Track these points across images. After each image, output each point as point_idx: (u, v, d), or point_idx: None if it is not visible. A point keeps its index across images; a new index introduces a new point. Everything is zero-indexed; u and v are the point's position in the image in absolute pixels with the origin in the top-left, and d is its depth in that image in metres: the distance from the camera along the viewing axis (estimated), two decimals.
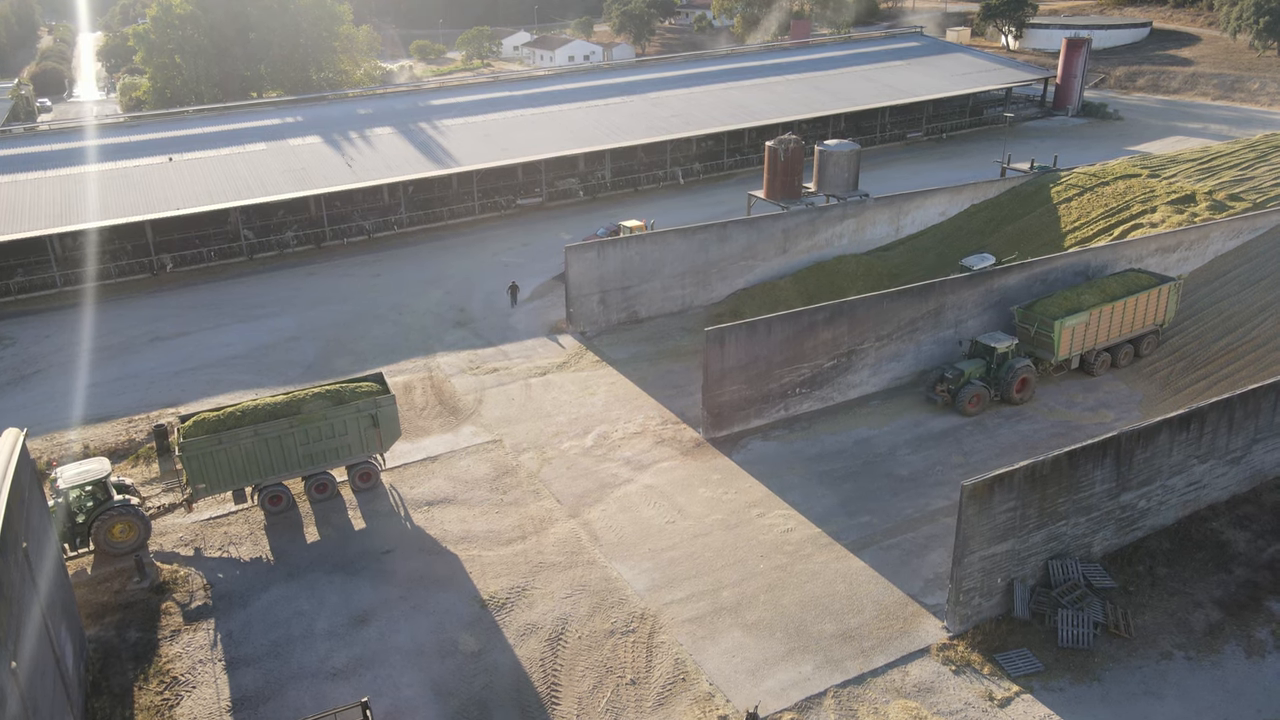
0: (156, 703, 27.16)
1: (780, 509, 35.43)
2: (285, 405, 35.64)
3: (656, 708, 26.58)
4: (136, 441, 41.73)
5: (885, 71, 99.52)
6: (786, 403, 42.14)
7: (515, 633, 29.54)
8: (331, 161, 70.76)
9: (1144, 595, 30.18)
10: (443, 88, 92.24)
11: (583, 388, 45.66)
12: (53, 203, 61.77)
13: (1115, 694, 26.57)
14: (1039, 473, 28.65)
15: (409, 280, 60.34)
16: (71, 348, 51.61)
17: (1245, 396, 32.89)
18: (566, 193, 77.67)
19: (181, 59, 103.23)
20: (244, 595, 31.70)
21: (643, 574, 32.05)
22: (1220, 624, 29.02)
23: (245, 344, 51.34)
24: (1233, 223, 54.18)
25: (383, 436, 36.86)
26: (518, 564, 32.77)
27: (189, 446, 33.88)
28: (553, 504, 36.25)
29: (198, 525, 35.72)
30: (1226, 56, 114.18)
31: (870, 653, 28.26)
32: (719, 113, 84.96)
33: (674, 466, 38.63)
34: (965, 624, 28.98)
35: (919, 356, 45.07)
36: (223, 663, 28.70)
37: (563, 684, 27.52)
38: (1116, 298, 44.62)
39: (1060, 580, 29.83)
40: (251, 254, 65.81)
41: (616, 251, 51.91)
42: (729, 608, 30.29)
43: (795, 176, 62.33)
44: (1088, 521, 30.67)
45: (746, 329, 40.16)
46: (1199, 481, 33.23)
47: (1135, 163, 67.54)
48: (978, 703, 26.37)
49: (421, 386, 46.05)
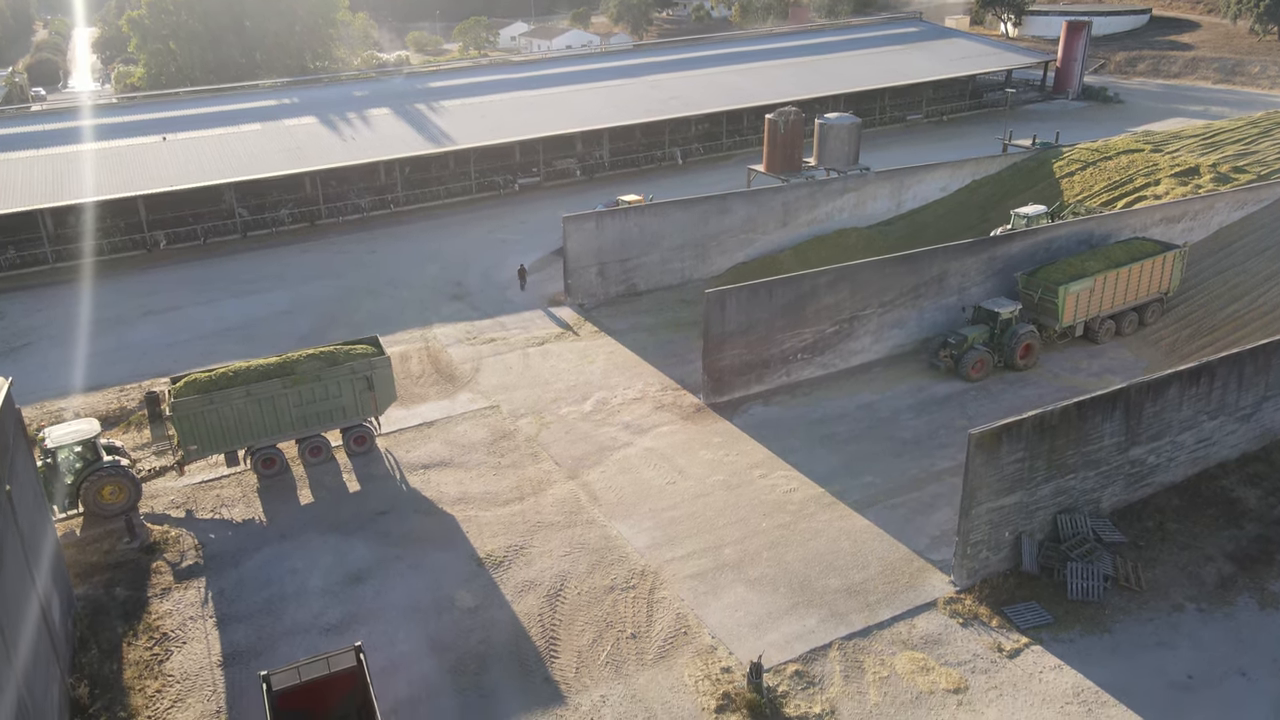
0: (146, 657, 26.51)
1: (782, 470, 34.83)
2: (278, 366, 34.99)
3: (658, 660, 25.97)
4: (128, 409, 41.09)
5: (884, 55, 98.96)
6: (788, 368, 41.53)
7: (513, 589, 28.92)
8: (327, 140, 70.11)
9: (1154, 550, 29.60)
10: (440, 70, 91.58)
11: (581, 356, 45.04)
12: (45, 180, 61.07)
13: (1126, 645, 25.98)
14: (1047, 423, 28.06)
15: (405, 256, 59.70)
16: (63, 321, 50.95)
17: (1255, 352, 32.33)
18: (564, 173, 77.06)
19: (176, 45, 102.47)
20: (236, 555, 31.06)
21: (643, 532, 31.44)
22: (1233, 577, 28.43)
23: (239, 317, 50.69)
24: (1237, 194, 53.65)
25: (378, 399, 36.23)
26: (515, 523, 32.14)
27: (180, 406, 33.24)
28: (551, 466, 35.63)
29: (189, 488, 35.07)
30: (1226, 41, 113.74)
31: (875, 606, 27.66)
32: (717, 94, 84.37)
33: (674, 430, 38.02)
34: (972, 578, 28.38)
35: (922, 324, 44.46)
36: (214, 619, 28.05)
37: (561, 638, 26.89)
38: (1121, 264, 44.05)
39: (1069, 534, 29.23)
40: (245, 232, 65.16)
41: (615, 223, 51.28)
42: (731, 564, 29.68)
43: (795, 150, 61.74)
44: (1096, 476, 30.08)
45: (748, 292, 39.55)
46: (1209, 438, 32.65)
47: (1138, 138, 67.02)
48: (986, 654, 25.77)
49: (418, 356, 45.42)
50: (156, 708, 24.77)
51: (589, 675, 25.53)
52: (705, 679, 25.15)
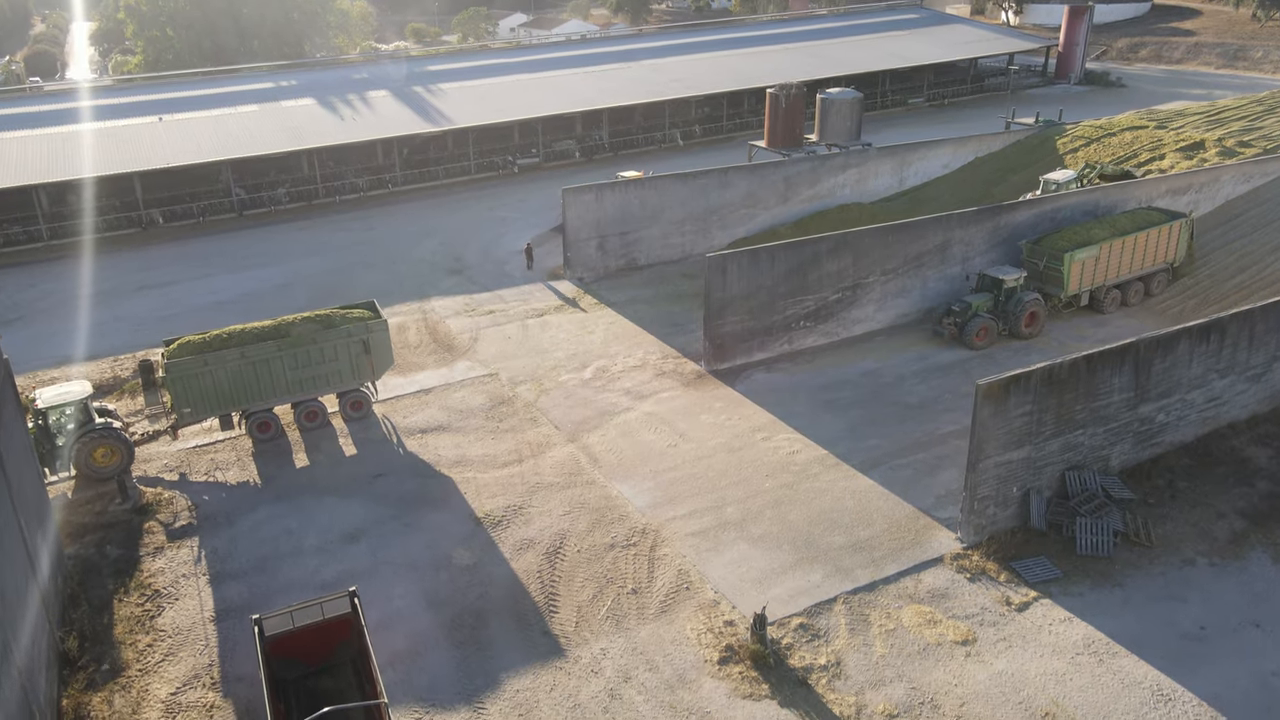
0: (137, 613, 25.99)
1: (785, 433, 34.31)
2: (273, 329, 34.46)
3: (659, 615, 25.45)
4: (121, 379, 40.60)
5: (886, 40, 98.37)
6: (790, 336, 41.00)
7: (511, 547, 28.40)
8: (325, 121, 69.54)
9: (1164, 507, 29.08)
10: (440, 54, 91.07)
11: (580, 327, 44.52)
12: (39, 158, 60.51)
13: (1137, 598, 25.45)
14: (1056, 376, 27.55)
15: (403, 233, 59.17)
16: (57, 295, 50.44)
17: (1267, 309, 31.80)
18: (563, 154, 76.52)
19: (173, 31, 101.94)
20: (230, 515, 30.54)
21: (644, 492, 30.92)
22: (1245, 533, 27.92)
23: (235, 291, 50.14)
24: (1243, 166, 53.14)
25: (374, 364, 35.71)
26: (514, 484, 31.62)
27: (174, 368, 32.73)
28: (551, 430, 35.11)
29: (183, 452, 34.56)
30: (1229, 27, 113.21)
31: (881, 562, 27.14)
32: (718, 77, 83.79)
33: (675, 396, 37.49)
34: (979, 535, 27.86)
35: (925, 294, 43.92)
36: (207, 577, 27.54)
37: (561, 594, 26.37)
38: (1127, 233, 43.52)
39: (1077, 491, 28.71)
40: (242, 211, 64.61)
41: (615, 196, 50.74)
42: (733, 522, 29.17)
43: (796, 124, 61.22)
44: (1105, 433, 29.56)
45: (749, 256, 39.03)
46: (1219, 398, 32.12)
47: (1142, 115, 66.49)
48: (994, 607, 25.25)
49: (415, 327, 44.90)
50: (147, 661, 24.25)
51: (589, 629, 25.01)
52: (708, 632, 24.64)
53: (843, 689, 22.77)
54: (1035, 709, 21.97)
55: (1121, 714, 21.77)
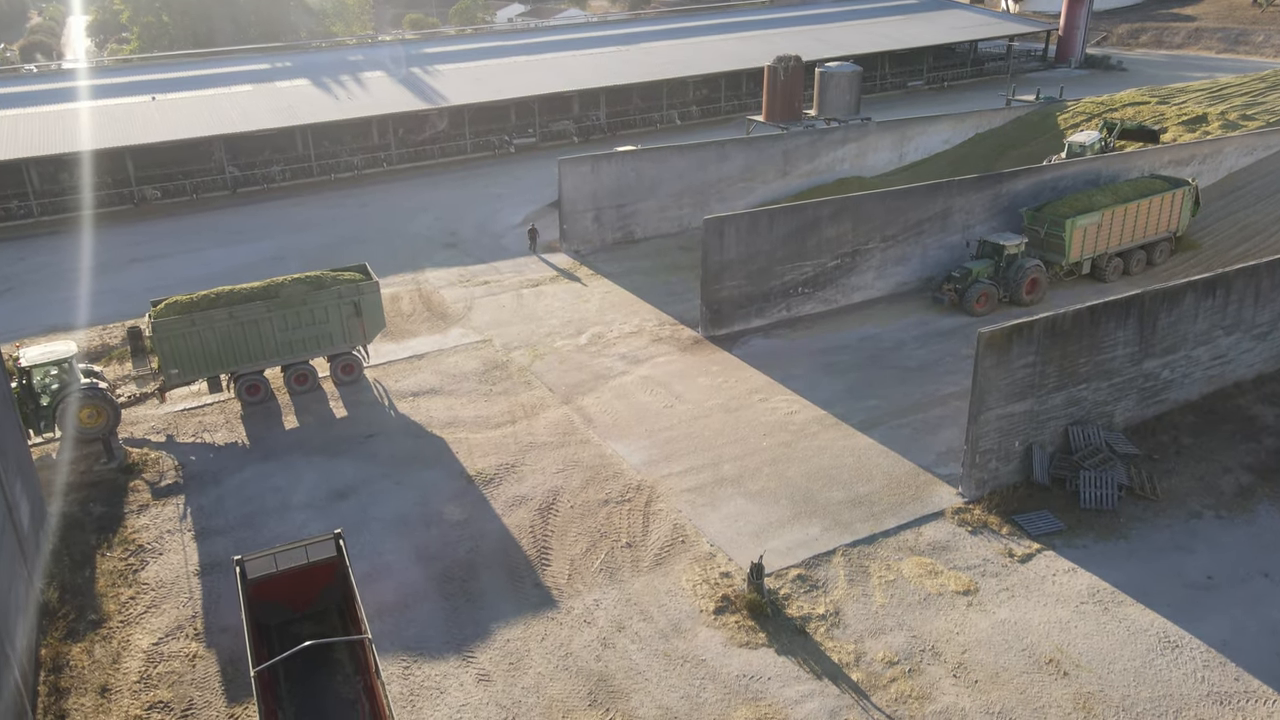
0: (120, 567, 25.41)
1: (783, 395, 33.74)
2: (263, 289, 33.88)
3: (654, 567, 24.87)
4: (110, 346, 40.00)
5: (885, 25, 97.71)
6: (789, 302, 40.42)
7: (504, 504, 27.82)
8: (320, 101, 68.91)
9: (1169, 462, 28.51)
10: (437, 37, 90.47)
11: (576, 296, 43.93)
12: (30, 135, 59.86)
13: (1143, 549, 24.88)
14: (1059, 326, 26.96)
15: (398, 210, 58.57)
16: (48, 268, 49.82)
17: (1273, 265, 31.20)
18: (560, 134, 75.89)
19: (168, 17, 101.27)
20: (217, 475, 29.95)
21: (639, 451, 30.35)
22: (1252, 486, 27.35)
23: (227, 264, 49.49)
24: (1246, 138, 52.61)
25: (366, 326, 35.11)
26: (507, 444, 31.04)
27: (160, 327, 32.12)
28: (545, 393, 34.52)
29: (170, 415, 33.97)
30: (1230, 12, 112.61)
31: (881, 516, 26.57)
32: (716, 59, 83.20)
33: (671, 360, 36.92)
34: (981, 489, 27.28)
35: (925, 262, 43.34)
36: (192, 533, 26.96)
37: (554, 548, 25.79)
38: (1130, 200, 42.94)
39: (1081, 446, 28.13)
40: (235, 188, 63.97)
41: (612, 166, 50.14)
42: (730, 479, 28.59)
43: (795, 98, 60.60)
44: (1109, 388, 28.98)
45: (748, 219, 38.46)
46: (1224, 355, 31.55)
47: (1144, 92, 65.93)
48: (996, 559, 24.68)
49: (409, 297, 44.31)
50: (129, 613, 23.67)
51: (582, 581, 24.43)
52: (703, 583, 24.07)
53: (841, 637, 22.20)
54: (1039, 655, 21.40)
55: (1128, 660, 21.20)
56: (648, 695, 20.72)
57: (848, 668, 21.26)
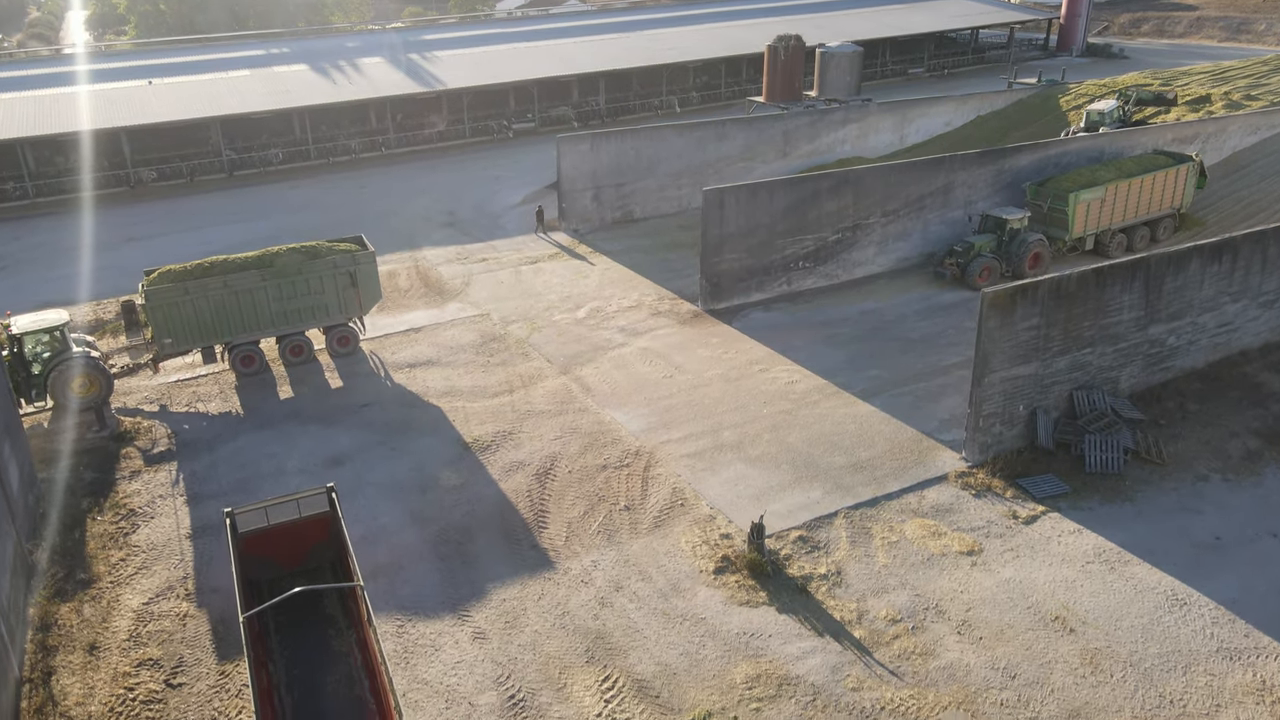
0: (111, 530, 25.03)
1: (784, 365, 33.36)
2: (257, 259, 33.50)
3: (653, 530, 24.50)
4: (105, 320, 39.64)
5: (885, 14, 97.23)
6: (789, 277, 40.03)
7: (500, 469, 27.45)
8: (317, 85, 68.50)
9: (1175, 427, 28.13)
10: (436, 24, 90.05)
11: (575, 272, 43.56)
12: (25, 117, 59.47)
13: (1150, 511, 24.51)
14: (1064, 289, 26.58)
15: (396, 191, 58.18)
16: (44, 247, 49.45)
17: None
18: (559, 120, 75.49)
19: (165, 6, 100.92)
20: (210, 443, 29.58)
21: (638, 418, 29.97)
22: (1259, 451, 26.98)
23: (224, 243, 48.88)
24: (1251, 118, 52.23)
25: (362, 297, 34.73)
26: (504, 412, 30.67)
27: (153, 295, 31.74)
28: (542, 364, 34.15)
29: (164, 386, 33.61)
30: (1231, 1, 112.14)
31: (883, 480, 26.20)
32: (717, 45, 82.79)
33: (671, 333, 36.54)
34: (985, 453, 26.91)
35: (926, 237, 42.95)
36: (184, 498, 26.59)
37: (551, 511, 25.42)
38: (1134, 175, 42.53)
39: (1085, 410, 27.75)
40: (232, 171, 63.59)
41: (611, 145, 49.73)
42: (730, 445, 28.22)
43: (795, 78, 60.20)
44: (1115, 353, 28.60)
45: (748, 191, 38.07)
46: (1230, 323, 31.16)
47: (1146, 75, 65.51)
48: (1000, 521, 24.30)
49: (406, 273, 43.94)
50: (120, 574, 23.29)
51: (579, 543, 24.06)
52: (703, 544, 23.70)
53: (843, 596, 21.82)
54: (1044, 613, 21.03)
55: (1134, 618, 20.82)
56: (646, 652, 20.35)
57: (850, 625, 20.89)
